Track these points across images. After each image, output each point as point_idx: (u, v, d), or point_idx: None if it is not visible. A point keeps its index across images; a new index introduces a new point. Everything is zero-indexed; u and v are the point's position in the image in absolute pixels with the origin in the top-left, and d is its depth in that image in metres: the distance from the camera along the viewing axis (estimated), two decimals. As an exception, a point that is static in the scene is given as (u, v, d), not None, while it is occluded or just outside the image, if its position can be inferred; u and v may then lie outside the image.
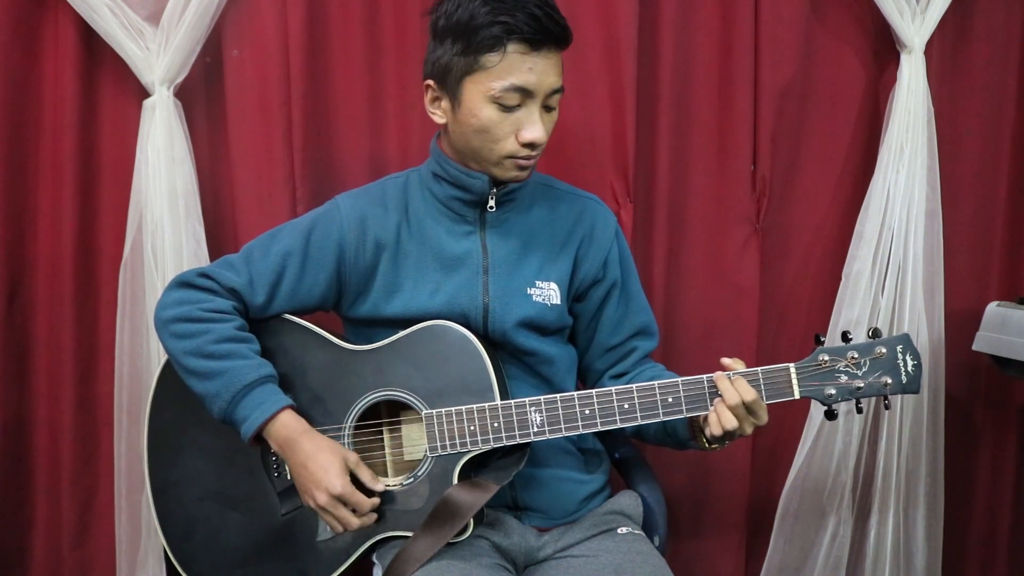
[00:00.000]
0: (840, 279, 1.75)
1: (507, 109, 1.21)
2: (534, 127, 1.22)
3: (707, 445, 1.27)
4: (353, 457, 1.22)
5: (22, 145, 1.63)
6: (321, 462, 1.19)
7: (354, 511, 1.20)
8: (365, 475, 1.22)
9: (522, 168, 1.26)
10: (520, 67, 1.19)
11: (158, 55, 1.56)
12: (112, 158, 1.65)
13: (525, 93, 1.21)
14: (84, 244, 1.66)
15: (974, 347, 1.73)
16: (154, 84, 1.57)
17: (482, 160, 1.26)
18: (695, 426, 1.29)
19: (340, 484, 1.18)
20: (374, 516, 1.23)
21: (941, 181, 1.74)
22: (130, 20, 1.55)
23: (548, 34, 1.19)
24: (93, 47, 1.60)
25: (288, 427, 1.22)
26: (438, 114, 1.29)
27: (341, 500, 1.19)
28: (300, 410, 1.25)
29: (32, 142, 1.64)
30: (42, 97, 1.63)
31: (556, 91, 1.24)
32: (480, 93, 1.21)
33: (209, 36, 1.59)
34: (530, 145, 1.23)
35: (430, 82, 1.28)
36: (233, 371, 1.22)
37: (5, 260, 1.63)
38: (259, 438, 1.23)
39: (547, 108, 1.25)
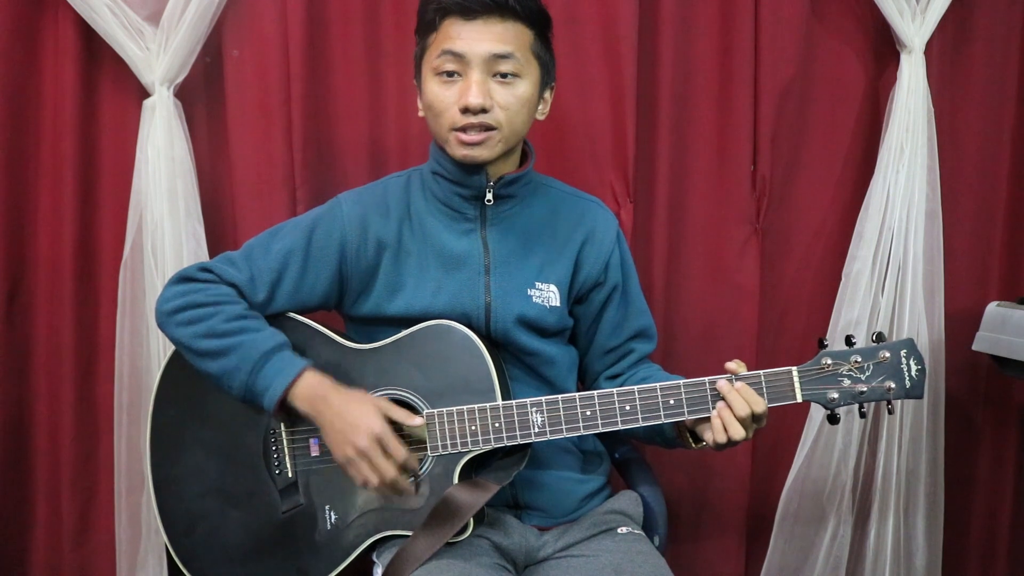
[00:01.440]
0: (840, 279, 1.75)
1: (448, 80, 1.23)
2: (467, 91, 1.22)
3: (693, 444, 1.27)
4: (383, 402, 1.22)
5: (22, 145, 1.63)
6: (356, 408, 1.19)
7: (391, 459, 1.18)
8: (399, 414, 1.21)
9: (468, 144, 1.24)
10: (452, 35, 1.23)
11: (158, 55, 1.56)
12: (112, 158, 1.65)
13: (458, 58, 1.22)
14: (84, 244, 1.65)
15: (974, 347, 1.74)
16: (154, 84, 1.57)
17: (441, 143, 1.28)
18: (680, 424, 1.28)
19: (380, 425, 1.18)
20: (415, 462, 1.21)
21: (941, 181, 1.74)
22: (130, 20, 1.55)
23: (479, 4, 1.21)
24: (93, 47, 1.60)
25: (313, 386, 1.21)
26: (420, 109, 1.31)
27: (380, 443, 1.18)
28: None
29: (32, 142, 1.64)
30: (42, 97, 1.63)
31: (502, 56, 1.22)
32: (429, 73, 1.26)
33: (209, 36, 1.59)
34: (466, 111, 1.22)
35: (415, 82, 1.31)
36: (248, 343, 1.22)
37: (5, 260, 1.63)
38: (283, 406, 1.22)
39: (502, 77, 1.24)
